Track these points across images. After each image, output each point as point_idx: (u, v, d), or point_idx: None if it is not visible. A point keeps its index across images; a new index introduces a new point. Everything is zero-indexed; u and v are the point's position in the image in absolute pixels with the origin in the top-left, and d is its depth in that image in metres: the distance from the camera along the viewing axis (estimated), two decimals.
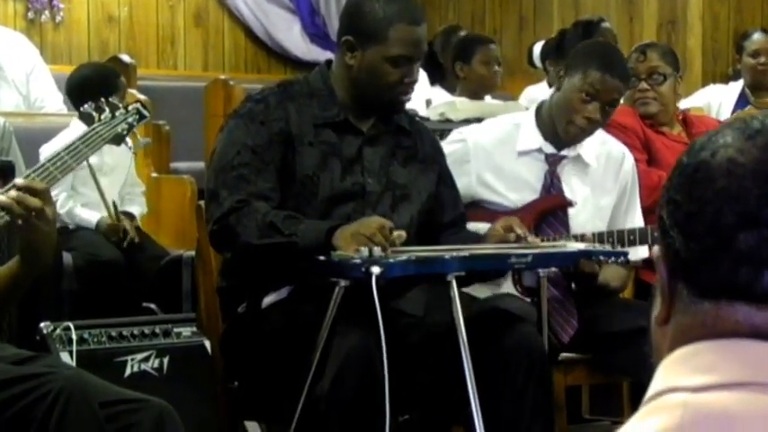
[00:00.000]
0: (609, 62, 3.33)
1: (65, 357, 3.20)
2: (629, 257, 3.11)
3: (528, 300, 3.25)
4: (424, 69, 6.09)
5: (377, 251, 2.64)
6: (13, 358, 2.42)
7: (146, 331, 3.38)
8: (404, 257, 2.70)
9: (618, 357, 3.26)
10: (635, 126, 3.97)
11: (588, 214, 3.39)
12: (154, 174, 5.11)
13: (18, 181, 2.29)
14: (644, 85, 4.01)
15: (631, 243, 3.36)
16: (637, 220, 3.46)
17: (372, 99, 3.02)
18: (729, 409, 0.93)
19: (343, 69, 3.04)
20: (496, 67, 5.93)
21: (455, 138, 3.41)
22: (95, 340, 3.30)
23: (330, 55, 7.81)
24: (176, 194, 5.03)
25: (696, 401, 0.94)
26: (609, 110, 3.31)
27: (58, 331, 3.27)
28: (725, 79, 6.61)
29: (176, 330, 3.42)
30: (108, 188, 4.71)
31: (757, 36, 5.98)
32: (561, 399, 3.30)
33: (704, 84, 6.57)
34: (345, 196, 2.98)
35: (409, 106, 3.31)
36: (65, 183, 3.89)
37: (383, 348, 2.57)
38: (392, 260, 2.65)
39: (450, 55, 6.19)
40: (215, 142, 3.02)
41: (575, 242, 3.17)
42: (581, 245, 3.10)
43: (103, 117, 2.54)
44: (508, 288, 3.32)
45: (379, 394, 2.58)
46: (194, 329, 3.43)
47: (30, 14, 7.01)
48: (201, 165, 5.29)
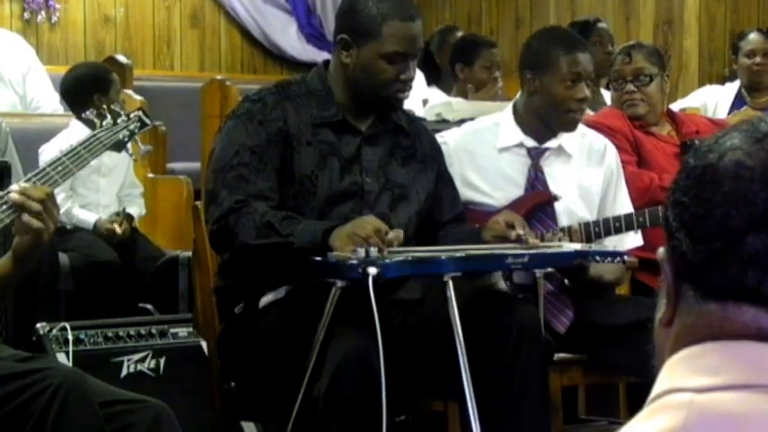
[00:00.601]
0: (569, 42, 3.40)
1: (61, 358, 3.20)
2: (625, 257, 3.11)
3: (520, 296, 3.25)
4: (421, 70, 6.09)
5: (373, 251, 2.64)
6: (11, 359, 2.42)
7: (142, 332, 3.38)
8: (400, 258, 2.70)
9: (613, 355, 3.27)
10: (623, 128, 3.96)
11: (575, 205, 3.40)
12: (150, 174, 5.11)
13: (23, 184, 2.30)
14: (630, 87, 4.01)
15: (618, 230, 3.38)
16: (625, 209, 3.47)
17: (369, 97, 3.02)
18: (734, 411, 0.93)
19: (339, 68, 3.04)
20: (497, 73, 5.92)
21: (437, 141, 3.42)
22: (92, 341, 3.30)
23: (326, 55, 7.78)
24: (173, 195, 5.02)
25: (700, 402, 0.94)
26: (590, 83, 3.37)
27: (55, 332, 3.26)
28: (721, 80, 6.62)
29: (173, 331, 3.42)
30: (106, 189, 4.71)
31: (753, 36, 5.98)
32: (557, 399, 3.30)
33: (701, 84, 6.57)
34: (344, 196, 2.98)
35: (406, 106, 3.32)
36: (64, 183, 3.89)
37: (380, 349, 2.57)
38: (389, 261, 2.66)
39: (448, 55, 6.19)
40: (213, 143, 3.03)
41: (570, 241, 3.18)
42: (577, 245, 3.10)
43: (105, 123, 2.55)
44: (498, 283, 3.31)
45: (376, 395, 2.58)
46: (191, 330, 3.42)
47: (26, 15, 7.00)
48: (198, 165, 5.28)
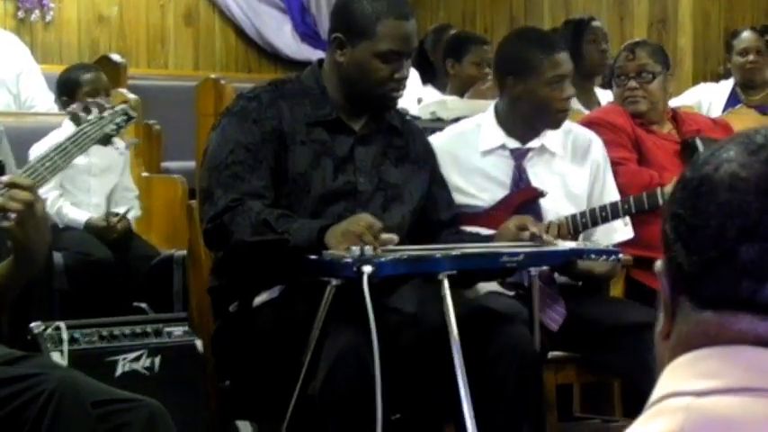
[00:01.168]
0: (547, 44, 3.41)
1: (56, 357, 3.19)
2: (620, 256, 3.11)
3: (512, 293, 3.25)
4: (415, 68, 6.09)
5: (368, 249, 2.64)
6: (5, 358, 2.41)
7: (137, 331, 3.37)
8: (395, 256, 2.70)
9: (607, 356, 3.27)
10: (625, 125, 3.96)
11: (562, 202, 3.40)
12: (145, 173, 5.10)
13: (3, 178, 2.29)
14: (633, 84, 4.01)
15: (605, 219, 3.38)
16: (613, 200, 3.47)
17: (363, 96, 3.02)
18: (732, 414, 0.93)
19: (333, 67, 3.04)
20: (487, 69, 5.92)
21: None
22: (86, 340, 3.29)
23: (321, 54, 7.79)
24: (167, 194, 5.02)
25: (699, 406, 0.94)
26: (570, 79, 3.40)
27: (49, 331, 3.26)
28: (716, 78, 6.62)
29: (167, 330, 3.41)
30: (97, 189, 4.71)
31: (746, 34, 5.99)
32: (552, 397, 3.31)
33: (695, 82, 6.58)
34: (337, 195, 2.98)
35: (400, 105, 3.31)
36: (54, 181, 3.89)
37: (375, 347, 2.57)
38: (383, 259, 2.65)
39: (441, 50, 6.19)
40: (208, 141, 3.02)
41: (558, 235, 3.18)
42: (572, 243, 3.10)
43: (91, 117, 2.54)
44: (491, 284, 3.32)
45: (371, 393, 2.58)
46: (185, 329, 3.42)
47: (20, 14, 7.00)
48: (192, 164, 5.28)
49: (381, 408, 2.58)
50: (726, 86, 5.98)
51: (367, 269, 2.58)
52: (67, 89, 4.84)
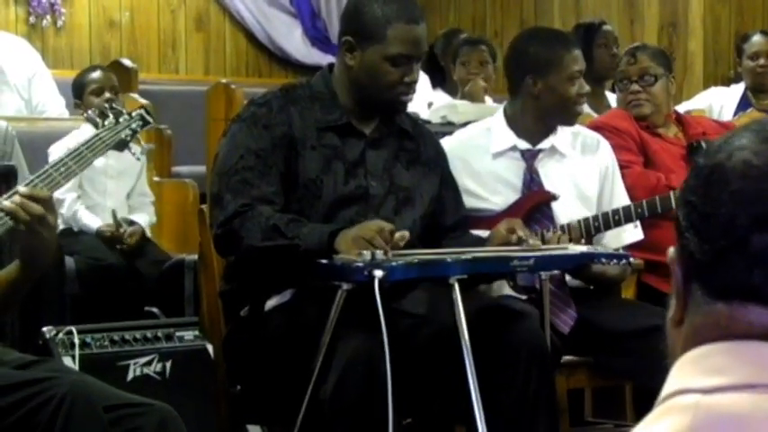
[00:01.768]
0: (564, 41, 3.44)
1: (67, 362, 3.20)
2: (631, 260, 3.11)
3: (524, 297, 3.25)
4: (426, 72, 6.09)
5: (379, 254, 2.64)
6: (17, 363, 2.42)
7: (148, 335, 3.38)
8: (406, 260, 2.70)
9: (619, 360, 3.27)
10: (630, 129, 3.96)
11: (573, 204, 3.41)
12: (156, 178, 5.11)
13: (21, 189, 2.30)
14: (635, 87, 4.01)
15: (617, 223, 3.38)
16: (623, 203, 3.47)
17: (373, 99, 3.02)
18: (741, 411, 0.93)
19: (343, 70, 3.05)
20: (475, 69, 5.86)
21: None
22: (98, 344, 3.30)
23: (331, 59, 7.77)
24: (178, 198, 5.03)
25: (708, 403, 0.94)
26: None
27: (61, 335, 3.26)
28: (726, 82, 6.61)
29: (179, 334, 3.42)
30: (113, 192, 4.71)
31: (757, 38, 5.98)
32: (563, 401, 3.30)
33: (705, 86, 6.57)
34: (349, 199, 2.98)
35: (411, 109, 3.32)
36: (73, 182, 3.90)
37: (386, 352, 2.57)
38: (394, 263, 2.66)
39: (451, 55, 6.20)
40: (218, 147, 3.03)
41: (570, 239, 3.18)
42: (583, 247, 3.10)
43: (107, 123, 2.55)
44: (502, 286, 3.32)
45: (381, 398, 2.58)
46: (197, 333, 3.42)
47: (31, 19, 7.02)
48: (203, 169, 5.28)
49: (392, 412, 2.58)
50: (737, 90, 5.97)
51: (378, 273, 2.58)
52: (76, 91, 4.86)
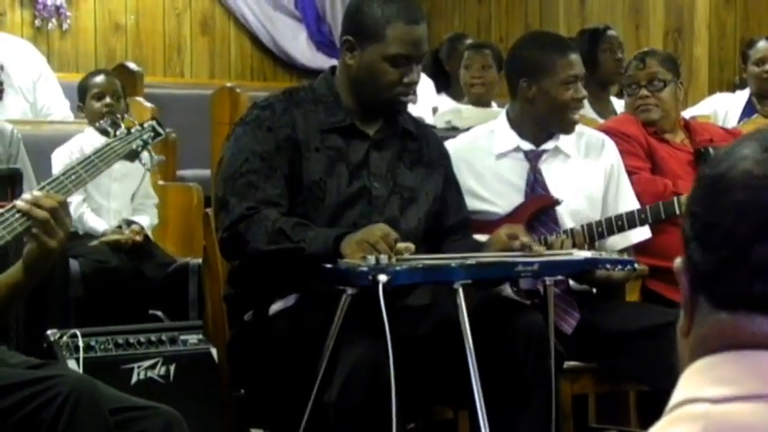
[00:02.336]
0: (560, 45, 3.42)
1: (71, 365, 3.20)
2: (635, 265, 3.11)
3: (527, 302, 3.25)
4: (430, 77, 6.10)
5: (383, 258, 2.64)
6: (22, 365, 2.42)
7: (152, 339, 3.38)
8: (410, 265, 2.70)
9: (623, 362, 3.26)
10: (637, 134, 3.95)
11: (578, 205, 3.40)
12: (160, 181, 5.11)
13: (36, 192, 2.31)
14: (644, 92, 4.00)
15: (621, 229, 3.38)
16: (629, 204, 3.47)
17: (372, 99, 3.03)
18: (751, 421, 0.93)
19: (344, 70, 3.05)
20: (476, 73, 5.88)
21: None
22: (102, 348, 3.30)
23: (336, 62, 7.83)
24: (183, 202, 5.03)
25: (717, 413, 0.94)
26: (582, 80, 3.41)
27: (65, 339, 3.27)
28: (731, 88, 6.60)
29: (183, 338, 3.42)
30: (118, 194, 4.72)
31: (762, 44, 5.96)
32: (567, 407, 3.30)
33: (710, 92, 6.57)
34: (353, 201, 2.99)
35: (416, 114, 3.32)
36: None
37: (390, 356, 2.57)
38: (399, 268, 2.66)
39: (456, 60, 6.21)
40: (222, 150, 3.03)
41: (573, 244, 3.18)
42: (587, 253, 3.10)
43: (119, 133, 2.56)
44: (505, 291, 3.31)
45: (386, 401, 2.58)
46: (201, 337, 3.42)
47: (37, 22, 7.03)
48: (208, 172, 5.29)
49: (396, 417, 2.58)
50: (742, 96, 5.96)
51: (382, 278, 2.59)
52: (80, 95, 4.86)
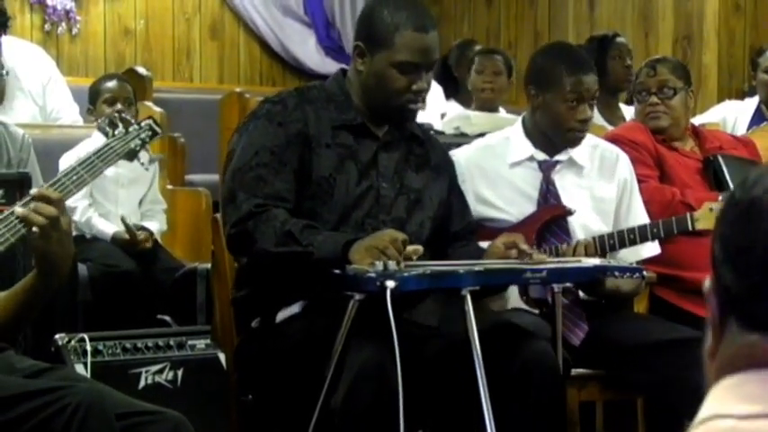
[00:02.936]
0: (575, 64, 3.38)
1: (79, 369, 3.20)
2: (644, 273, 3.10)
3: (536, 311, 3.25)
4: (439, 83, 6.11)
5: (391, 264, 2.64)
6: (30, 369, 2.43)
7: (160, 343, 3.39)
8: (418, 271, 2.70)
9: (631, 374, 3.26)
10: (646, 142, 3.94)
11: (590, 216, 3.40)
12: (169, 186, 5.12)
13: (33, 191, 2.31)
14: (654, 99, 3.99)
15: (632, 242, 3.37)
16: (640, 218, 3.47)
17: (381, 106, 3.03)
18: None
19: (355, 76, 3.06)
20: (489, 77, 5.88)
21: None
22: (110, 352, 3.30)
23: (345, 67, 7.83)
24: (191, 206, 5.03)
25: (743, 429, 0.94)
26: (593, 102, 3.38)
27: (73, 343, 3.27)
28: (740, 95, 6.60)
29: (191, 343, 3.42)
30: (125, 200, 4.71)
31: None
32: (575, 414, 3.29)
33: (720, 100, 6.55)
34: (361, 199, 2.99)
35: (424, 120, 3.32)
36: (85, 190, 3.90)
37: (397, 362, 2.57)
38: (406, 274, 2.65)
39: (465, 66, 6.21)
40: (231, 144, 3.03)
41: (585, 255, 3.18)
42: (596, 260, 3.09)
43: (117, 132, 2.56)
44: (515, 300, 3.31)
45: (393, 408, 2.58)
46: (209, 342, 3.43)
47: (46, 26, 7.04)
48: (217, 177, 5.28)
49: (403, 423, 2.58)
50: (751, 104, 5.95)
51: (390, 284, 2.58)
52: (91, 98, 4.87)
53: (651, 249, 3.47)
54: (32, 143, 2.85)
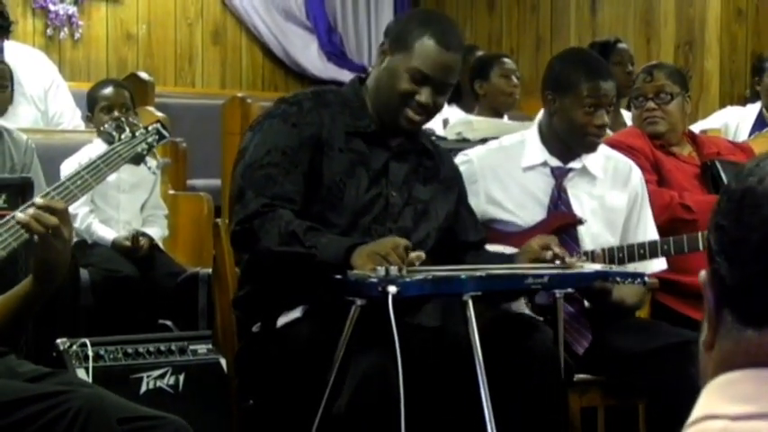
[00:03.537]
0: (594, 69, 3.38)
1: (81, 374, 3.20)
2: (645, 279, 3.10)
3: (540, 319, 3.25)
4: None
5: (393, 270, 2.64)
6: (31, 374, 2.43)
7: (161, 348, 3.39)
8: (420, 277, 2.70)
9: (632, 379, 3.26)
10: (644, 147, 3.95)
11: (598, 227, 3.40)
12: (171, 191, 5.12)
13: (38, 200, 2.31)
14: (651, 105, 4.00)
15: (642, 257, 3.37)
16: (649, 233, 3.47)
17: (383, 105, 3.04)
18: None
19: (375, 75, 3.08)
20: (515, 80, 5.97)
21: (461, 159, 3.42)
22: (111, 357, 3.30)
23: (347, 73, 7.84)
24: (193, 211, 5.03)
25: (735, 429, 0.94)
26: (610, 109, 3.37)
27: (75, 348, 3.27)
28: (742, 101, 6.60)
29: (192, 348, 3.42)
30: (127, 206, 4.71)
31: None
32: (576, 420, 3.29)
33: (721, 105, 6.56)
34: (370, 206, 3.00)
35: (426, 125, 3.32)
36: (85, 197, 3.91)
37: (399, 368, 2.57)
38: (408, 279, 2.65)
39: (467, 75, 6.21)
40: (244, 140, 3.03)
41: (591, 263, 3.18)
42: (598, 266, 3.09)
43: (123, 136, 2.56)
44: (520, 307, 3.31)
45: (396, 414, 2.58)
46: (210, 347, 3.43)
47: (49, 31, 7.05)
48: (218, 182, 5.30)
49: (405, 428, 2.58)
50: (753, 110, 5.96)
51: (392, 289, 2.58)
52: (89, 105, 4.85)
53: (658, 265, 3.48)
54: (35, 148, 2.85)
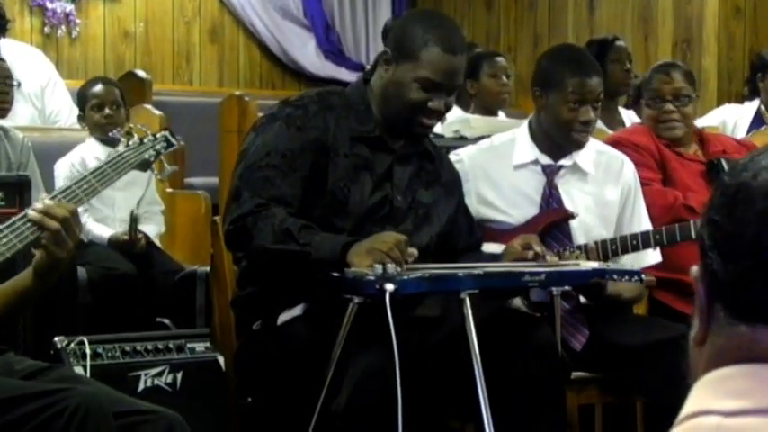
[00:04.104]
0: (579, 66, 3.38)
1: (79, 371, 3.20)
2: (642, 277, 3.11)
3: (537, 315, 3.25)
4: None
5: (391, 267, 2.64)
6: (29, 369, 2.44)
7: (159, 346, 3.38)
8: (417, 274, 2.70)
9: (629, 375, 3.27)
10: (650, 145, 3.93)
11: (592, 223, 3.40)
12: (168, 189, 5.12)
13: (47, 201, 2.32)
14: (670, 107, 3.94)
15: (635, 248, 3.37)
16: (644, 226, 3.47)
17: (395, 116, 3.03)
18: None
19: (379, 83, 3.06)
20: (505, 79, 5.94)
21: (452, 159, 3.42)
22: (109, 355, 3.30)
23: (345, 72, 7.85)
24: (191, 210, 5.03)
25: (728, 426, 0.93)
26: (597, 105, 3.36)
27: (72, 345, 3.27)
28: (740, 99, 6.60)
29: (190, 346, 3.42)
30: (122, 204, 4.71)
31: None
32: (574, 418, 3.30)
33: (719, 103, 6.56)
34: (374, 210, 3.00)
35: None
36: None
37: (396, 366, 2.57)
38: (406, 277, 2.66)
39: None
40: (246, 141, 3.03)
41: (587, 260, 3.18)
42: (594, 263, 3.10)
43: (132, 143, 2.57)
44: (516, 303, 3.32)
45: (394, 412, 2.58)
46: (208, 345, 3.43)
47: (46, 29, 7.05)
48: (216, 180, 5.27)
49: (403, 426, 2.58)
50: (750, 108, 5.96)
51: (389, 287, 2.59)
52: (80, 104, 4.83)
53: (652, 258, 3.48)
54: (31, 146, 2.85)
